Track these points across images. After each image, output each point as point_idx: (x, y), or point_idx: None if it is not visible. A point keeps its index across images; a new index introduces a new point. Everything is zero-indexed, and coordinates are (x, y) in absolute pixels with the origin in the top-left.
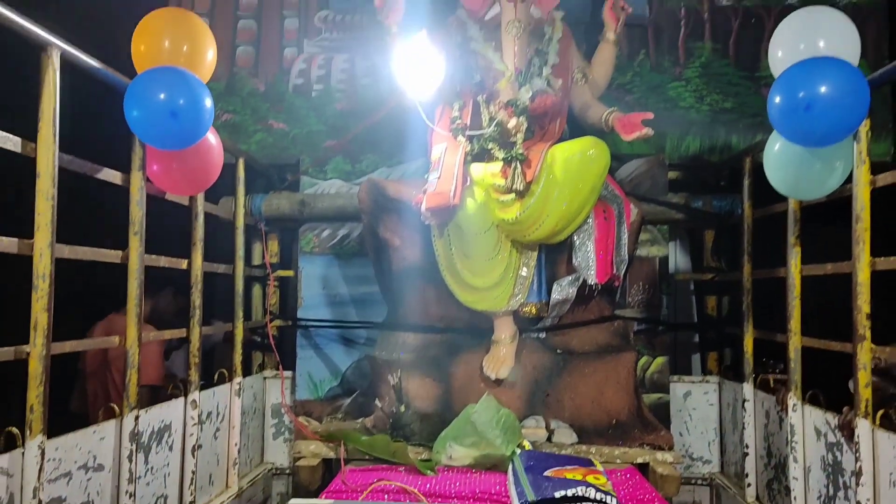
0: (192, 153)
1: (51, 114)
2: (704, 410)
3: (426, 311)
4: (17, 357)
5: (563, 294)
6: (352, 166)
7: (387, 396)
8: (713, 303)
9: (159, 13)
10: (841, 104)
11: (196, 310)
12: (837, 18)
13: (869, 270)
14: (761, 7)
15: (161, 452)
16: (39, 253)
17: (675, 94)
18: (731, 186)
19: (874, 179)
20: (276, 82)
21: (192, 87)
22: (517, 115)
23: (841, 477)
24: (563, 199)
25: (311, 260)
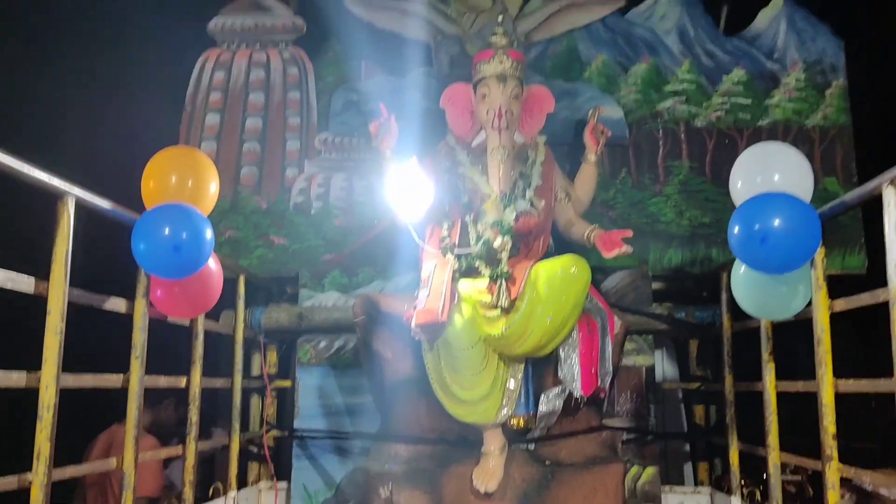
0: (194, 279)
1: (63, 256)
2: None
3: (418, 422)
4: (20, 486)
5: (549, 406)
6: (348, 279)
7: None
8: (701, 412)
9: (167, 152)
10: (794, 236)
11: (192, 426)
12: (791, 154)
13: (832, 392)
14: (734, 129)
15: None
16: (45, 385)
17: (656, 210)
18: (712, 297)
19: (832, 304)
20: (278, 200)
21: (195, 222)
22: (502, 234)
23: None
24: (546, 315)
25: (309, 370)
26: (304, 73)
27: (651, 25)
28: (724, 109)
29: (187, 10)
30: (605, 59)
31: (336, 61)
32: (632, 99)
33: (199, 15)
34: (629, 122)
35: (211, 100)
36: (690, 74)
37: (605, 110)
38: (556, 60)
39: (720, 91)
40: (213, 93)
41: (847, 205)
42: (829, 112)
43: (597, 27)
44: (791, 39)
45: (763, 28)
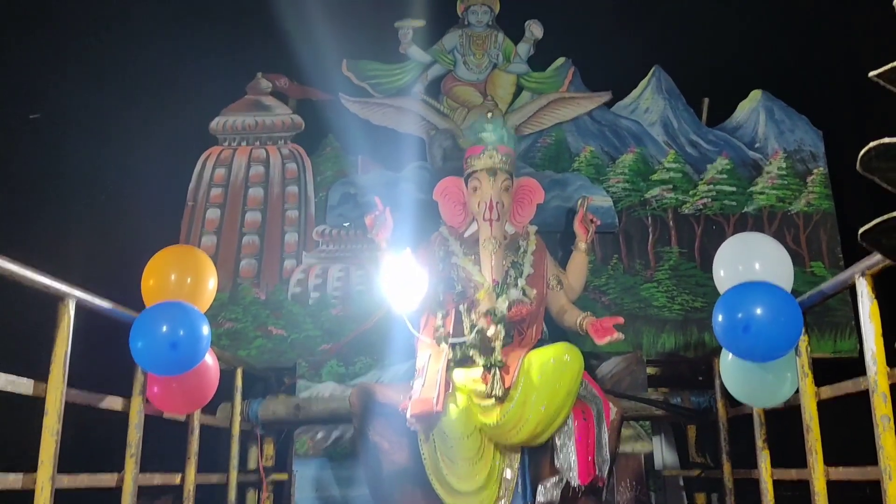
0: (191, 375)
1: (63, 357)
2: None
3: None
4: None
5: (547, 496)
6: (345, 369)
7: None
8: (703, 500)
9: (167, 252)
10: (776, 325)
11: None
12: (770, 244)
13: (824, 479)
14: (720, 215)
15: None
16: (41, 487)
17: (648, 295)
18: (707, 382)
19: (818, 392)
20: (276, 291)
21: (192, 319)
22: (496, 323)
23: None
24: (541, 403)
25: (306, 462)
26: (302, 168)
27: (636, 118)
28: (710, 197)
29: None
30: (592, 150)
31: (333, 157)
32: (620, 188)
33: (201, 114)
34: (619, 210)
35: (212, 195)
36: (676, 164)
37: (594, 199)
38: (546, 152)
39: (705, 179)
40: (214, 188)
41: (825, 294)
42: (811, 198)
43: (584, 120)
44: (771, 130)
45: (743, 119)
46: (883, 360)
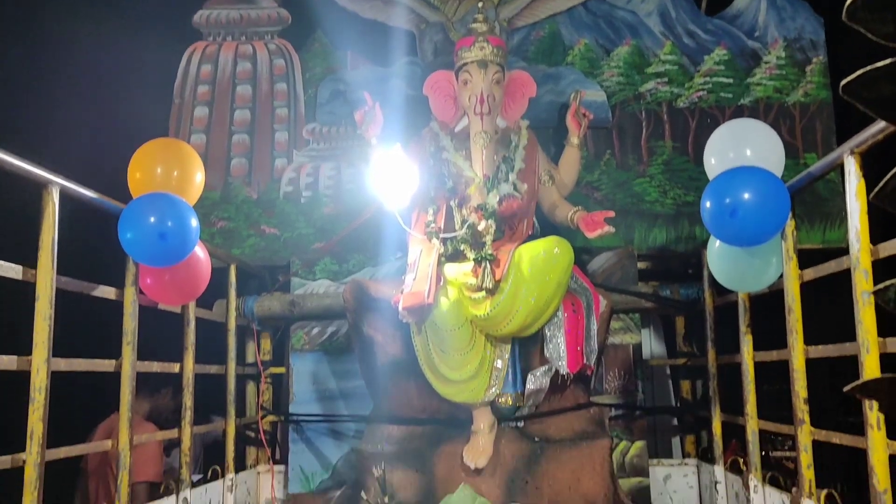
0: (182, 267)
1: (50, 243)
2: (685, 493)
3: (409, 403)
4: (13, 465)
5: (537, 384)
6: (339, 266)
7: (372, 488)
8: (688, 387)
9: (152, 144)
10: (763, 209)
11: (188, 411)
12: (762, 130)
13: (803, 358)
14: (716, 108)
15: None
16: (36, 369)
17: (641, 190)
18: (696, 275)
19: (802, 274)
20: (268, 190)
21: (180, 211)
22: (486, 218)
23: None
24: (531, 295)
25: (302, 357)
26: (290, 64)
27: (632, 8)
28: (705, 89)
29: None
30: (587, 43)
31: (322, 52)
32: (614, 81)
33: (184, 7)
34: (612, 105)
35: (199, 92)
36: (672, 56)
37: (587, 93)
38: (539, 45)
39: (702, 71)
40: (201, 86)
41: (813, 175)
42: (809, 88)
43: (579, 11)
44: (771, 18)
45: (743, 7)
46: (866, 237)
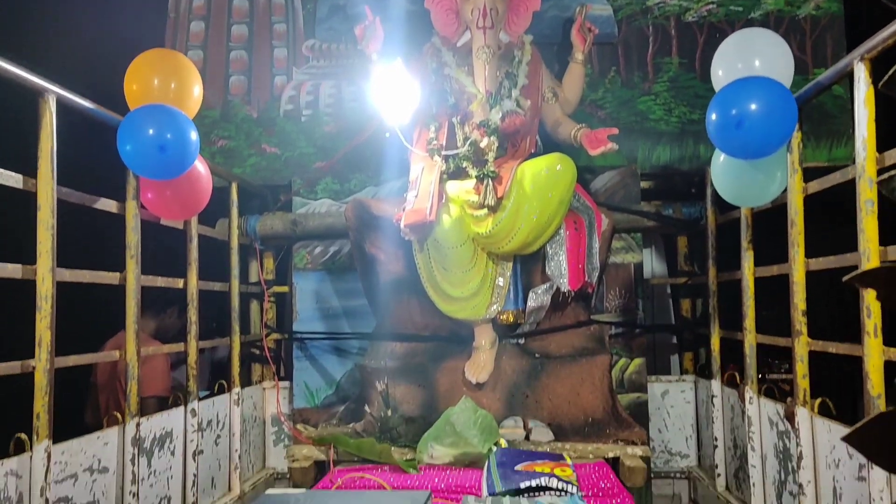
0: (183, 181)
1: (48, 152)
2: (682, 408)
3: (411, 320)
4: (23, 371)
5: (538, 302)
6: (340, 186)
7: (375, 402)
8: (688, 305)
9: (149, 54)
10: (769, 120)
11: (192, 325)
12: (772, 40)
13: (804, 271)
14: (725, 22)
15: (163, 457)
16: (42, 277)
17: (645, 108)
18: (699, 194)
19: (806, 187)
20: (268, 108)
21: (179, 123)
22: (489, 134)
23: (790, 462)
24: (532, 212)
25: (305, 276)
26: None
27: None
28: (715, 2)
29: None
30: None
31: None
32: None
33: None
34: (618, 20)
35: (194, 6)
36: None
37: (593, 7)
38: None
39: None
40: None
41: (821, 84)
42: (821, 1)
43: None
44: None
45: None
46: (873, 145)
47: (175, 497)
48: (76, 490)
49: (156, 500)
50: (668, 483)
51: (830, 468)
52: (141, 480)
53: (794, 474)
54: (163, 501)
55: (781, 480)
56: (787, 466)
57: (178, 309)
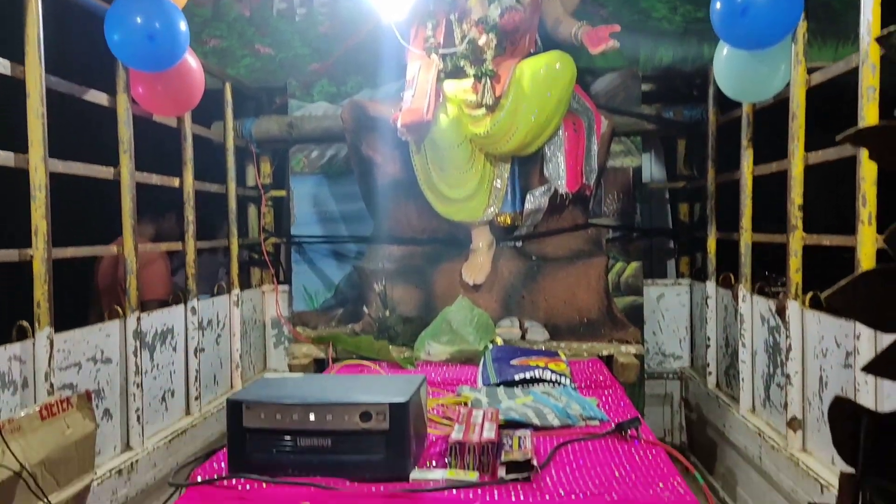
0: (174, 74)
1: (35, 37)
2: (676, 311)
3: (409, 223)
4: (21, 259)
5: (535, 204)
6: (337, 88)
7: (374, 303)
8: (685, 210)
9: None
10: (775, 7)
11: (190, 225)
12: None
13: (802, 165)
14: None
15: (165, 352)
16: (34, 167)
17: (649, 6)
18: (701, 96)
19: (809, 79)
20: (261, 7)
21: (167, 12)
22: (487, 31)
23: (778, 356)
24: (531, 112)
25: (302, 180)
26: None
27: None
28: None
29: None
30: None
31: None
32: None
33: None
34: None
35: None
36: None
37: None
38: None
39: None
40: None
41: None
42: None
43: None
44: None
45: None
46: (877, 30)
47: (178, 391)
48: (80, 378)
49: (159, 392)
50: (661, 383)
51: (818, 358)
52: (144, 373)
53: (783, 367)
54: (167, 394)
55: (770, 374)
56: (775, 360)
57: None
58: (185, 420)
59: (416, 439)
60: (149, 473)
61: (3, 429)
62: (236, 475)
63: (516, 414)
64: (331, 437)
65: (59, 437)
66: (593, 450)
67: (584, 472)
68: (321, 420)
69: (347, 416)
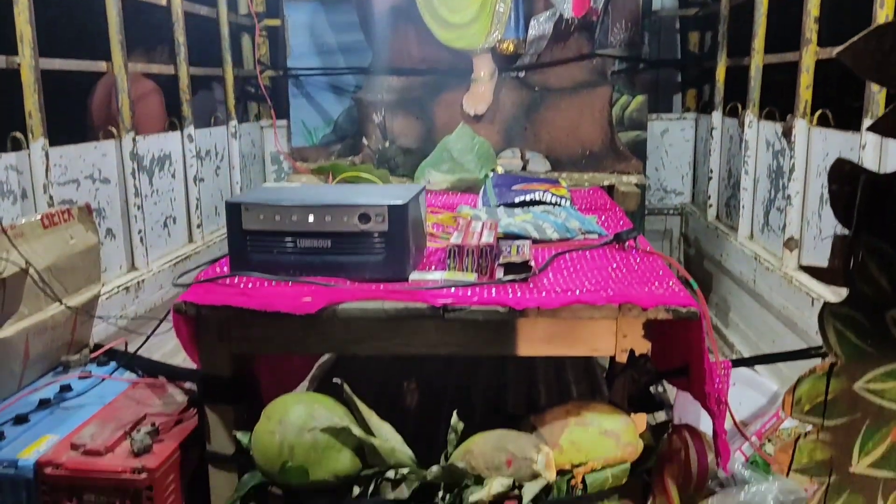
0: None
1: None
2: (680, 147)
3: (408, 54)
4: (8, 66)
5: (539, 30)
6: None
7: (373, 135)
8: (696, 39)
9: None
10: None
11: (181, 47)
12: None
13: None
14: None
15: (164, 178)
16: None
17: None
18: None
19: None
20: None
21: None
22: None
23: (781, 179)
24: None
25: (297, 7)
26: None
27: None
28: None
29: None
30: None
31: None
32: None
33: None
34: None
35: None
36: None
37: None
38: None
39: None
40: None
41: None
42: None
43: None
44: None
45: None
46: None
47: (180, 218)
48: (80, 195)
49: (161, 217)
50: (661, 219)
51: (821, 176)
52: (144, 197)
53: (784, 190)
54: (168, 220)
55: (770, 199)
56: (777, 184)
57: (168, 49)
58: (189, 247)
59: (414, 245)
60: (155, 294)
61: (6, 232)
62: (239, 273)
63: (515, 228)
64: (330, 238)
65: (64, 247)
66: (591, 257)
67: (580, 275)
68: (320, 221)
69: (346, 217)
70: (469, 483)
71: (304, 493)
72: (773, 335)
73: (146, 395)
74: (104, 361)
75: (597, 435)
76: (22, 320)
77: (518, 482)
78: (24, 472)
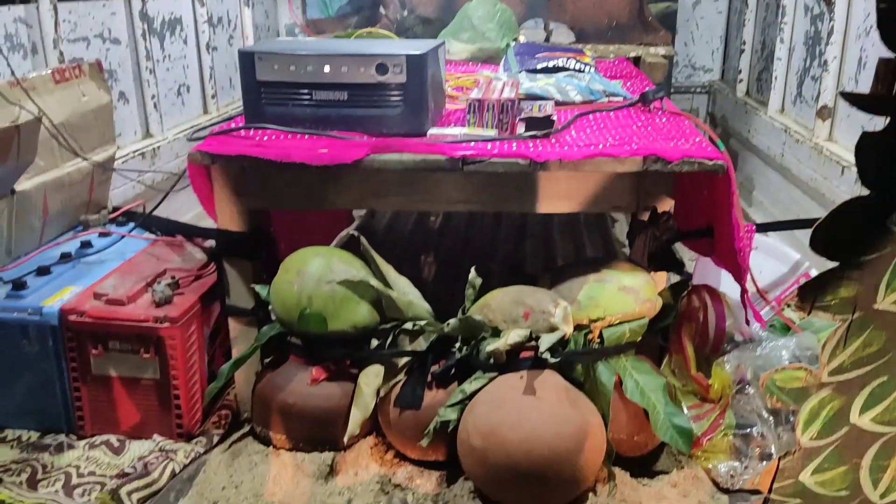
0: None
1: None
2: (712, 19)
3: None
4: None
5: None
6: None
7: (391, 4)
8: None
9: None
10: None
11: None
12: None
13: None
14: None
15: (175, 43)
16: None
17: None
18: None
19: None
20: None
21: None
22: None
23: (818, 46)
24: None
25: None
26: None
27: None
28: None
29: None
30: None
31: None
32: None
33: None
34: None
35: None
36: None
37: None
38: None
39: None
40: None
41: None
42: None
43: None
44: None
45: None
46: None
47: (194, 87)
48: (90, 53)
49: (174, 84)
50: (688, 98)
51: (860, 39)
52: (157, 62)
53: (820, 56)
54: (182, 88)
55: (805, 68)
56: (814, 52)
57: None
58: (203, 118)
59: (433, 100)
60: (172, 163)
61: (20, 83)
62: (254, 125)
63: (538, 90)
64: (347, 90)
65: (76, 103)
66: (615, 116)
67: (605, 131)
68: (336, 72)
69: (363, 68)
70: (486, 335)
71: (324, 343)
72: (799, 209)
73: (166, 253)
74: (123, 222)
75: (615, 291)
76: (39, 175)
77: (535, 334)
78: (49, 318)
